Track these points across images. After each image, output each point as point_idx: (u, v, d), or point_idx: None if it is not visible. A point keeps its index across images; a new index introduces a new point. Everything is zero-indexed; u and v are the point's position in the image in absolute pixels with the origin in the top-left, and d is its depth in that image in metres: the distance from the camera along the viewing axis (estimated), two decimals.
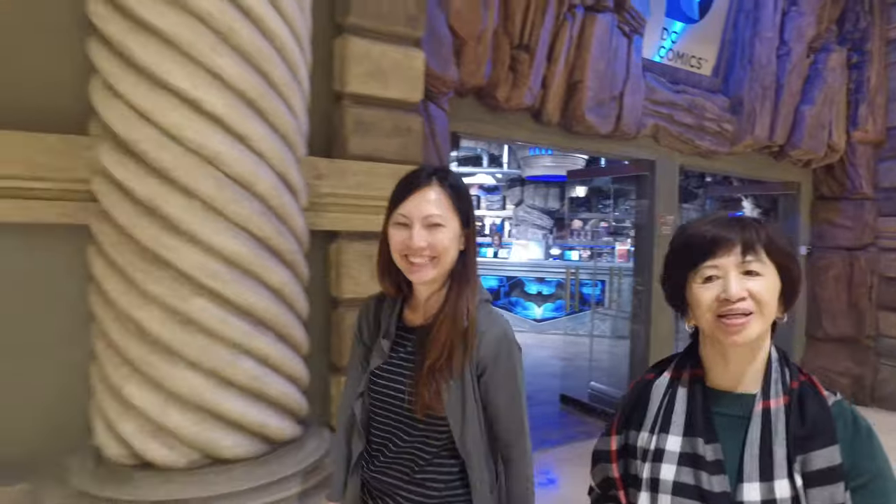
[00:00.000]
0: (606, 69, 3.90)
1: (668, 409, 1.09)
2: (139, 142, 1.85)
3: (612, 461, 1.14)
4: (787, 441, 0.98)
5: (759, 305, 1.00)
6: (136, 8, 1.83)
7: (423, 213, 1.23)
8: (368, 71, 2.46)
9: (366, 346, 1.41)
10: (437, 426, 1.27)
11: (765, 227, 1.04)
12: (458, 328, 1.25)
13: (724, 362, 1.06)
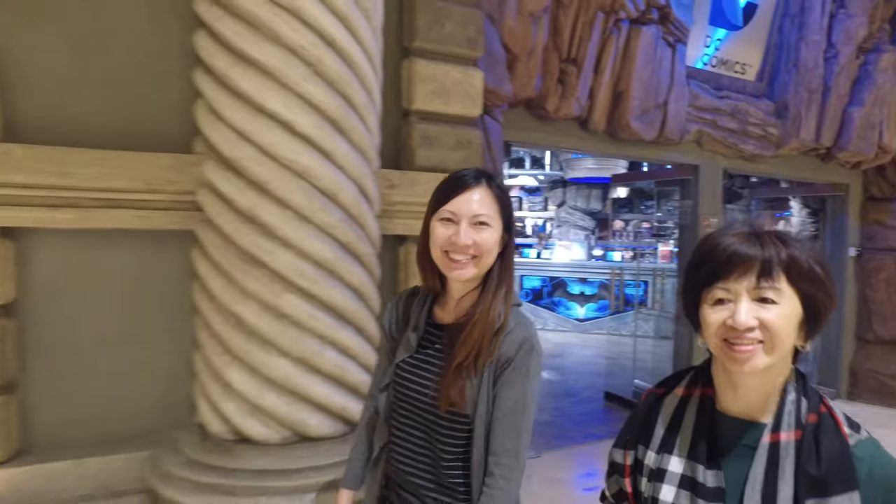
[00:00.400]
0: (651, 78, 4.01)
1: (674, 428, 1.03)
2: (241, 159, 2.12)
3: (626, 476, 1.09)
4: (795, 480, 0.89)
5: (771, 336, 0.90)
6: (239, 43, 2.10)
7: (471, 211, 1.23)
8: (433, 90, 2.68)
9: (393, 339, 1.41)
10: (460, 423, 1.26)
11: (790, 247, 0.92)
12: (491, 329, 1.24)
13: (733, 388, 0.98)
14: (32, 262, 2.18)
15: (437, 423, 1.27)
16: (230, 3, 2.10)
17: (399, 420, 1.35)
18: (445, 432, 1.26)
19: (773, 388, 0.95)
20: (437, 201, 1.28)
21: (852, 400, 5.79)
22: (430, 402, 1.27)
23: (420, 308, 1.36)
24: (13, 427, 2.17)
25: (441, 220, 1.25)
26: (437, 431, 1.27)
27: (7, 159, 1.99)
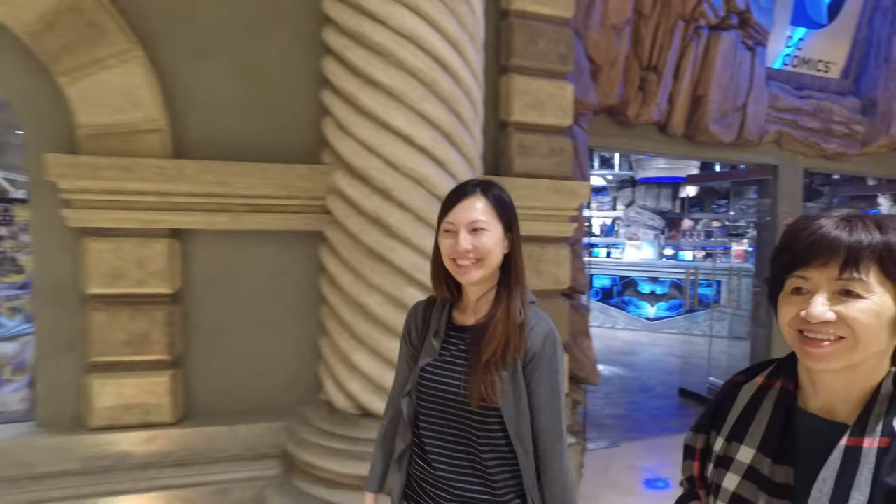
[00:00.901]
0: (730, 82, 4.05)
1: (748, 417, 0.96)
2: (368, 168, 2.42)
3: (696, 459, 1.06)
4: (872, 489, 0.80)
5: (854, 333, 0.81)
6: (366, 68, 2.40)
7: (467, 219, 1.29)
8: (528, 102, 2.90)
9: (413, 346, 1.45)
10: (491, 417, 1.30)
11: (887, 233, 0.82)
12: (513, 325, 1.30)
13: (814, 384, 0.91)
14: (194, 258, 2.57)
15: (469, 419, 1.31)
16: (358, 33, 2.40)
17: (428, 422, 1.38)
18: (480, 426, 1.31)
19: (862, 389, 0.86)
20: (441, 215, 1.34)
21: None
22: (461, 400, 1.31)
23: (440, 314, 1.41)
24: (180, 396, 2.57)
25: (444, 233, 1.32)
26: (471, 427, 1.31)
27: (181, 173, 2.38)
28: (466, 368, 1.31)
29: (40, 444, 2.37)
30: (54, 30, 2.26)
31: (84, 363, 2.47)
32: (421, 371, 1.37)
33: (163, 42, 2.43)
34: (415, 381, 1.38)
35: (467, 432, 1.32)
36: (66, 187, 2.30)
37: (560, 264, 3.05)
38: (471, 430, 1.31)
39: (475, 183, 1.36)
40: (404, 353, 1.49)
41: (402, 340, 1.49)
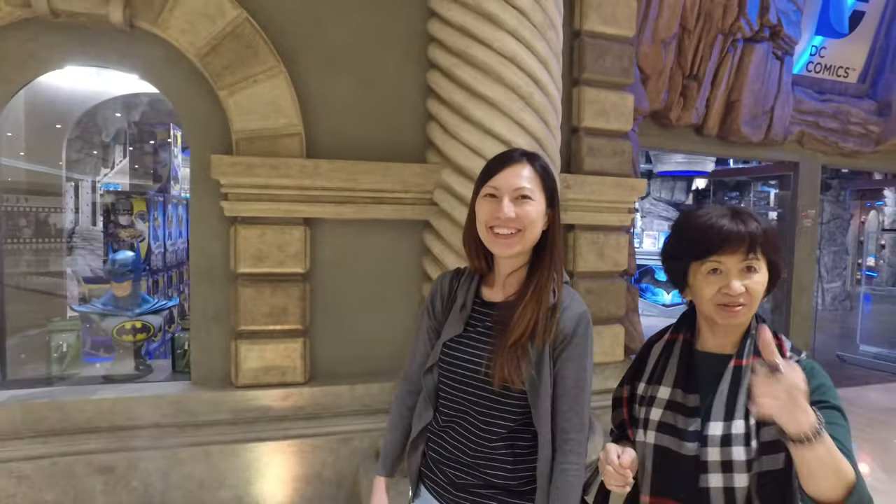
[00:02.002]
0: (761, 89, 4.45)
1: (663, 364, 1.23)
2: (474, 168, 2.83)
3: (623, 406, 1.29)
4: (749, 390, 1.04)
5: (752, 299, 1.11)
6: (472, 83, 2.81)
7: (513, 185, 1.21)
8: (596, 111, 3.32)
9: (437, 319, 1.37)
10: (513, 399, 1.23)
11: (763, 227, 1.12)
12: (545, 306, 1.22)
13: (712, 332, 1.20)
14: (321, 243, 3.00)
15: (489, 398, 1.24)
16: (466, 53, 2.81)
17: (449, 399, 1.30)
18: (500, 408, 1.23)
19: (741, 330, 1.18)
20: (483, 178, 1.27)
21: None
22: (483, 380, 1.23)
23: (467, 287, 1.32)
24: (308, 360, 3.01)
25: (485, 197, 1.24)
26: (488, 407, 1.24)
27: (317, 170, 2.81)
28: (491, 346, 1.24)
29: (202, 398, 2.82)
30: (218, 52, 2.69)
31: (230, 331, 2.91)
32: (444, 346, 1.29)
33: (299, 60, 2.85)
34: (437, 357, 1.30)
35: (489, 412, 1.25)
36: (224, 183, 2.73)
37: (620, 249, 3.48)
38: (492, 411, 1.24)
39: (521, 151, 1.29)
40: (426, 326, 1.40)
41: (425, 312, 1.40)
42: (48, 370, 3.05)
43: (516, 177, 1.23)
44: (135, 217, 3.94)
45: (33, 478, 2.57)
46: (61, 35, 2.61)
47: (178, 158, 4.61)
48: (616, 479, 1.15)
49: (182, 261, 4.73)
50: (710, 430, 1.12)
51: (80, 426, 2.66)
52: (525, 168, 1.25)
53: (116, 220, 3.89)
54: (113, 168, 10.56)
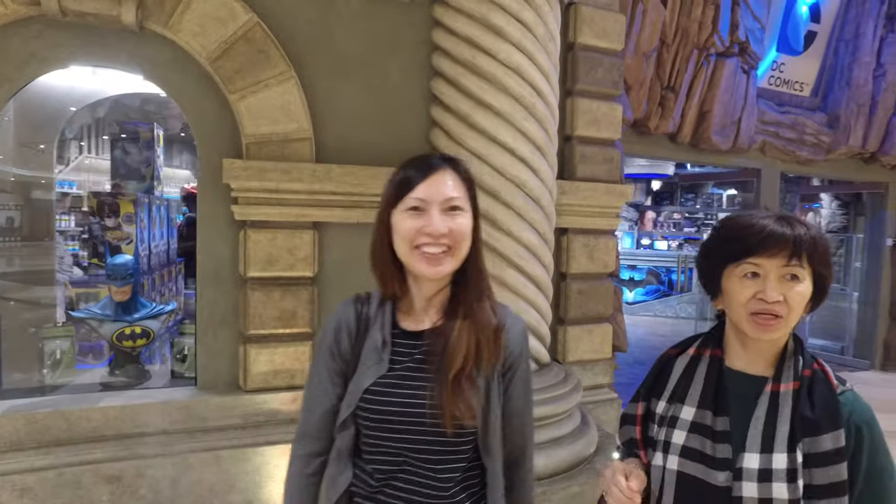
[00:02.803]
0: (730, 101, 4.74)
1: (687, 382, 1.11)
2: (480, 174, 2.93)
3: (637, 424, 1.16)
4: (792, 421, 0.99)
5: (791, 311, 0.99)
6: (478, 92, 2.89)
7: (442, 195, 1.05)
8: (588, 120, 3.47)
9: (343, 360, 1.14)
10: (466, 437, 1.09)
11: (811, 233, 1.01)
12: (486, 328, 1.09)
13: (744, 348, 1.08)
14: (329, 247, 3.02)
15: (439, 443, 1.07)
16: (472, 63, 2.89)
17: (379, 453, 1.10)
18: (453, 450, 1.09)
19: (777, 349, 1.06)
20: (400, 189, 1.09)
21: (885, 370, 6.49)
22: (430, 423, 1.06)
23: (380, 317, 1.13)
24: None
25: (407, 211, 1.06)
26: (441, 453, 1.08)
27: (328, 175, 2.83)
28: (427, 384, 1.08)
29: (211, 403, 2.80)
30: (229, 56, 2.67)
31: (238, 335, 2.90)
32: (366, 392, 1.08)
33: (308, 65, 2.86)
34: (353, 405, 1.09)
35: (440, 458, 1.09)
36: (235, 187, 2.72)
37: (609, 252, 3.65)
38: (445, 455, 1.09)
39: (440, 156, 1.15)
40: (328, 370, 1.15)
41: (326, 353, 1.15)
42: (41, 378, 2.95)
43: (443, 185, 1.07)
44: (122, 219, 3.83)
45: (37, 490, 2.49)
46: (66, 34, 2.54)
47: (160, 159, 4.50)
48: (622, 502, 1.06)
49: (164, 263, 4.61)
50: (746, 461, 1.00)
51: (85, 435, 2.60)
52: (450, 175, 1.09)
53: (103, 221, 3.78)
54: (68, 165, 10.10)
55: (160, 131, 4.46)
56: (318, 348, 1.19)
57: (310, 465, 1.17)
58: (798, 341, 1.09)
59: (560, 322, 3.55)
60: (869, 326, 6.62)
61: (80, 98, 3.44)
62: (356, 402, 1.10)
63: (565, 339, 3.54)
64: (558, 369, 3.27)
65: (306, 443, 1.18)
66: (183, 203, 6.28)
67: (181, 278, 5.18)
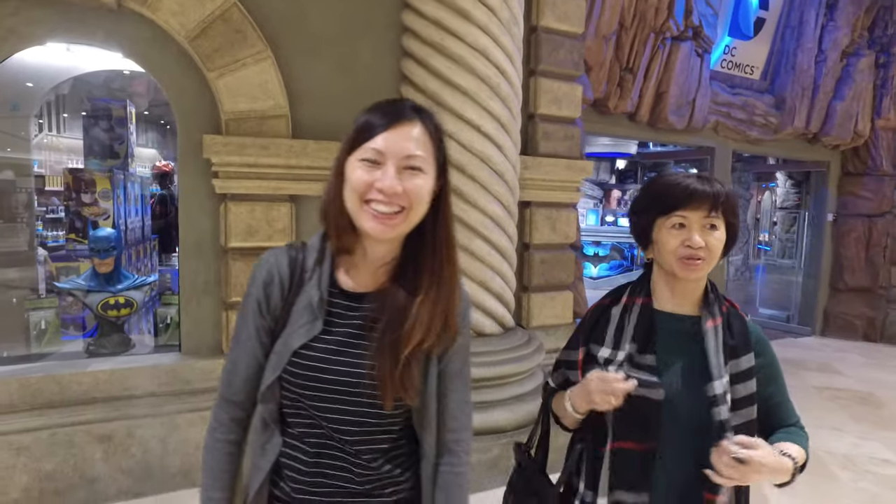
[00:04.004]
0: (685, 82, 5.03)
1: (622, 327, 1.25)
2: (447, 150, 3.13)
3: (578, 368, 1.28)
4: (723, 350, 1.18)
5: (711, 254, 1.16)
6: (447, 73, 3.08)
7: (403, 151, 0.94)
8: (550, 99, 3.69)
9: (272, 316, 1.01)
10: (402, 413, 1.02)
11: (726, 190, 1.18)
12: (453, 300, 1.00)
13: (672, 292, 1.24)
14: (305, 219, 3.17)
15: (372, 415, 0.99)
16: (440, 45, 3.07)
17: (305, 421, 1.01)
18: (383, 425, 1.01)
19: (698, 290, 1.24)
20: (360, 136, 0.97)
21: (824, 336, 7.03)
22: (367, 398, 0.97)
23: (317, 272, 1.00)
24: None
25: (362, 161, 0.95)
26: (371, 425, 1.00)
27: (304, 150, 2.99)
28: (367, 353, 0.97)
29: (195, 366, 2.96)
30: (208, 35, 2.79)
31: (221, 303, 3.06)
32: (294, 355, 0.98)
33: (284, 45, 2.99)
34: (281, 368, 0.98)
35: (370, 431, 1.00)
36: (216, 161, 2.85)
37: (570, 223, 3.91)
38: (375, 428, 1.00)
39: (411, 105, 1.00)
40: (255, 327, 1.01)
41: (253, 307, 1.01)
42: (28, 347, 3.06)
43: (406, 139, 0.95)
44: (98, 195, 3.91)
45: (33, 449, 2.64)
46: (44, 11, 2.62)
47: (133, 136, 4.54)
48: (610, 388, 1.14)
49: (140, 239, 4.69)
50: (716, 389, 1.15)
51: (77, 398, 2.74)
52: (416, 128, 0.97)
53: (79, 197, 3.85)
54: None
55: (132, 109, 4.50)
56: (244, 302, 1.01)
57: (233, 431, 1.04)
58: (713, 284, 1.26)
59: (524, 289, 3.81)
60: (811, 297, 7.14)
61: (54, 75, 3.48)
62: (283, 365, 0.98)
63: (529, 306, 3.80)
64: (522, 333, 3.54)
65: (229, 408, 1.04)
66: (154, 181, 6.29)
67: (155, 254, 5.26)
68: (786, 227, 11.29)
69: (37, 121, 10.09)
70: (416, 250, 1.01)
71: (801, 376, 5.44)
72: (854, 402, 4.74)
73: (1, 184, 3.40)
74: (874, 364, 5.91)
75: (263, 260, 1.03)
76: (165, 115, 8.95)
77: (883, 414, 4.50)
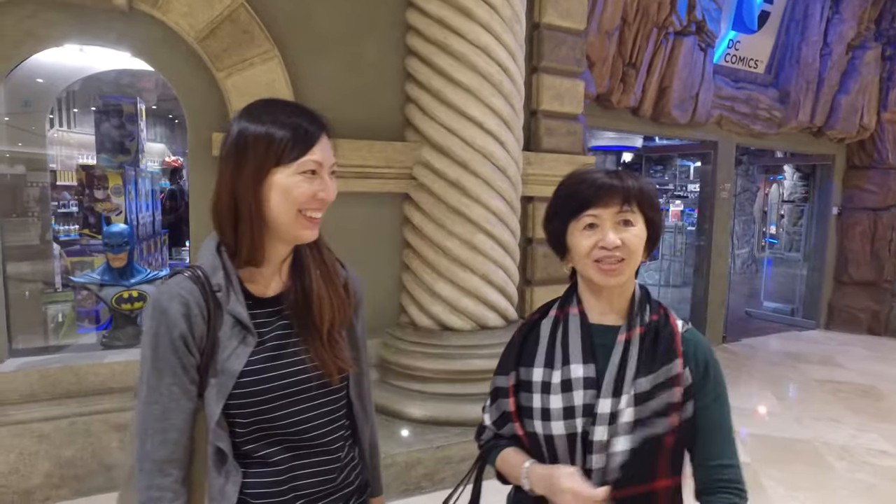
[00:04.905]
0: (688, 77, 5.05)
1: (553, 342, 1.12)
2: (451, 146, 3.20)
3: (510, 396, 1.14)
4: (637, 364, 1.05)
5: (631, 253, 1.05)
6: (450, 71, 3.14)
7: (331, 159, 1.01)
8: (552, 95, 3.75)
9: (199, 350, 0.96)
10: (343, 387, 1.09)
11: (639, 182, 1.08)
12: (338, 281, 1.08)
13: (596, 299, 1.12)
14: None
15: (327, 400, 1.05)
16: (443, 43, 3.14)
17: (267, 438, 1.00)
18: (337, 404, 1.08)
19: (625, 297, 1.12)
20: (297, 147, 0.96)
21: (828, 329, 7.06)
22: (317, 382, 1.03)
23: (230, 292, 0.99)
24: None
25: (302, 174, 0.97)
26: (329, 411, 1.06)
27: None
28: (300, 347, 1.02)
29: None
30: (216, 35, 2.86)
31: None
32: (240, 377, 0.96)
33: (291, 45, 3.06)
34: (226, 396, 0.95)
35: (329, 416, 1.05)
36: None
37: None
38: (332, 410, 1.06)
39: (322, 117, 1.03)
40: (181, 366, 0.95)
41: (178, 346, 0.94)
42: (46, 339, 3.17)
43: (329, 147, 1.01)
44: (110, 190, 4.01)
45: (53, 437, 2.75)
46: (60, 13, 2.70)
47: (143, 132, 4.64)
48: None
49: (150, 234, 4.80)
50: (600, 407, 1.04)
51: (94, 388, 2.85)
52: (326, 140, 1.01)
53: (92, 193, 3.95)
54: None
55: (142, 105, 4.60)
56: (156, 345, 0.94)
57: (180, 495, 0.96)
58: (644, 290, 1.15)
59: (527, 283, 3.88)
60: (816, 290, 7.16)
61: (68, 75, 3.58)
62: (228, 392, 0.95)
63: (531, 299, 3.87)
64: None
65: (171, 469, 0.94)
66: (164, 176, 6.40)
67: (165, 249, 5.37)
68: (793, 220, 11.27)
69: (47, 117, 10.26)
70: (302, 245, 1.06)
71: (802, 369, 5.49)
72: (855, 395, 4.79)
73: (17, 179, 3.50)
74: (877, 357, 5.95)
75: (167, 293, 0.95)
76: (174, 110, 9.06)
77: (882, 406, 4.55)
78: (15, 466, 2.69)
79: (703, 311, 6.07)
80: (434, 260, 3.32)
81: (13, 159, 3.19)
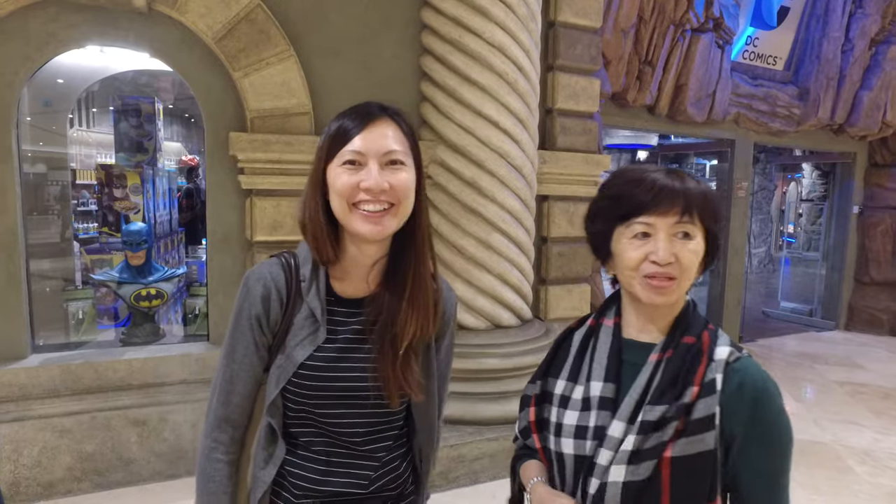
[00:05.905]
0: (705, 75, 5.00)
1: (582, 355, 1.03)
2: (466, 146, 3.19)
3: (531, 405, 1.08)
4: (655, 389, 0.94)
5: (684, 271, 0.92)
6: (465, 69, 3.14)
7: (382, 148, 0.96)
8: (568, 94, 3.73)
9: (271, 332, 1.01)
10: (404, 409, 1.07)
11: (701, 187, 0.94)
12: (430, 296, 1.02)
13: (637, 315, 1.00)
14: None
15: (378, 415, 1.02)
16: (459, 42, 3.13)
17: (311, 430, 1.02)
18: (387, 421, 1.04)
19: (672, 315, 0.98)
20: (336, 142, 0.97)
21: (848, 330, 6.95)
22: (374, 398, 1.00)
23: (313, 284, 1.01)
24: None
25: (343, 166, 0.96)
26: (377, 425, 1.03)
27: None
28: (369, 356, 1.00)
29: None
30: (233, 35, 2.89)
31: None
32: (300, 367, 0.99)
33: (307, 44, 3.08)
34: (285, 381, 0.99)
35: (376, 430, 1.04)
36: (241, 158, 2.96)
37: None
38: (380, 426, 1.04)
39: (379, 105, 1.01)
40: (254, 342, 1.01)
41: (253, 323, 1.00)
42: (67, 336, 3.23)
43: (383, 137, 0.97)
44: (129, 189, 4.06)
45: (74, 431, 2.80)
46: (81, 16, 2.74)
47: (161, 132, 4.69)
48: None
49: (168, 232, 4.85)
50: (612, 429, 0.94)
51: (113, 384, 2.90)
52: (390, 126, 0.99)
53: (111, 192, 4.01)
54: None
55: (160, 105, 4.65)
56: (238, 317, 1.00)
57: (232, 451, 1.04)
58: (690, 308, 1.01)
59: (542, 282, 3.87)
60: (835, 290, 7.04)
61: (89, 75, 3.63)
62: (288, 378, 0.98)
63: (546, 298, 3.86)
64: (539, 325, 3.60)
65: (228, 427, 1.02)
66: (180, 174, 6.47)
67: (182, 247, 5.44)
68: (812, 219, 11.09)
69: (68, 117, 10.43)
70: (401, 249, 1.02)
71: (821, 371, 5.41)
72: (876, 397, 4.71)
73: (38, 178, 3.56)
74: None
75: (257, 274, 1.01)
76: (190, 109, 9.15)
77: None
78: (38, 460, 2.74)
79: (720, 311, 6.01)
80: (450, 259, 3.31)
81: (35, 158, 3.25)
